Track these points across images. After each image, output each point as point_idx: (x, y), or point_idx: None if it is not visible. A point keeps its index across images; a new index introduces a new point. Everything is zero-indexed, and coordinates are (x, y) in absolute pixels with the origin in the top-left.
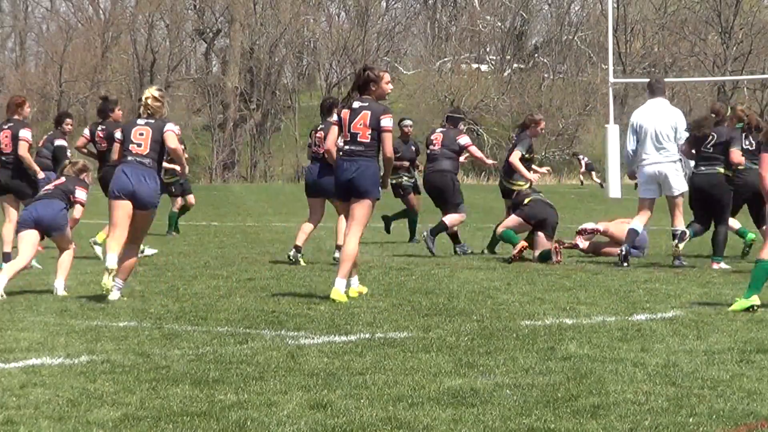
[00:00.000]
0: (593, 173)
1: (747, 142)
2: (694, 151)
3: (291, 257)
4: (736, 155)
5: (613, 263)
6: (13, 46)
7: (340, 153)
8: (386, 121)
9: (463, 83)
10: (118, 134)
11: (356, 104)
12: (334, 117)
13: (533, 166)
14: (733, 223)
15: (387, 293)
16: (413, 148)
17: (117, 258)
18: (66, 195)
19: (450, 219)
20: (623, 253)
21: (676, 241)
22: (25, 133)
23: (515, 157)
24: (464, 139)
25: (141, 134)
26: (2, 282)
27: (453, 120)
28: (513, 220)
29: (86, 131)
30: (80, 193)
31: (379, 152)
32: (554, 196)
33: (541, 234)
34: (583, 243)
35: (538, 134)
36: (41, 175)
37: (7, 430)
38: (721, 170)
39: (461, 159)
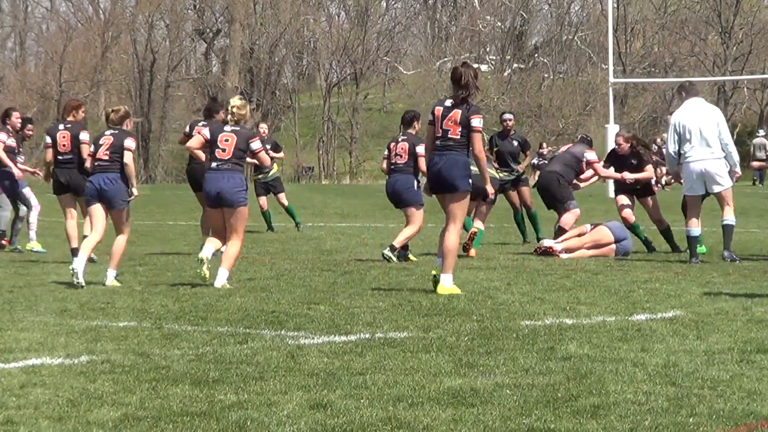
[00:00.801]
0: None
1: None
2: None
3: (386, 256)
4: None
5: (620, 260)
6: (13, 46)
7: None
8: (475, 121)
9: None
10: (206, 133)
11: (449, 102)
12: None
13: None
14: None
15: (387, 293)
16: (515, 143)
17: (213, 249)
18: (120, 156)
19: (564, 221)
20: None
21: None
22: (84, 136)
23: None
24: (591, 155)
25: (226, 140)
26: (81, 264)
27: (587, 141)
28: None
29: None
30: (129, 142)
31: (470, 150)
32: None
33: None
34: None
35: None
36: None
37: (7, 430)
38: None
39: (583, 179)
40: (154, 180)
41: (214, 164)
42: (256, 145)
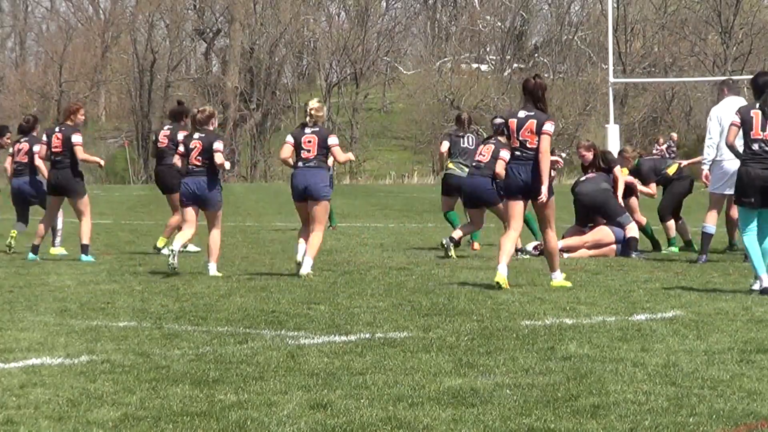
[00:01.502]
0: None
1: None
2: None
3: (444, 245)
4: None
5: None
6: (13, 46)
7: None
8: (547, 126)
9: (463, 83)
10: (290, 139)
11: (522, 113)
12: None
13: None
14: None
15: (387, 293)
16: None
17: (306, 247)
18: (210, 158)
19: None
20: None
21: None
22: (77, 138)
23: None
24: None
25: (309, 141)
26: (176, 249)
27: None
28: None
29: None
30: (218, 144)
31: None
32: (555, 195)
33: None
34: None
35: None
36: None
37: (7, 430)
38: None
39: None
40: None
41: (300, 163)
42: (332, 140)
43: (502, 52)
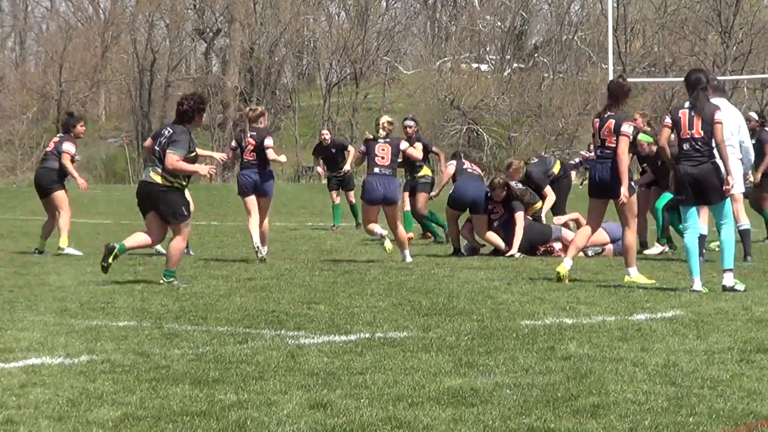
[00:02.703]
0: None
1: None
2: None
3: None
4: None
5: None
6: (13, 46)
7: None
8: (625, 127)
9: (463, 83)
10: (362, 148)
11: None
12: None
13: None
14: None
15: (387, 293)
16: (756, 141)
17: (405, 249)
18: (264, 153)
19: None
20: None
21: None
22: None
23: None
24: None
25: (383, 149)
26: (259, 241)
27: None
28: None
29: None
30: (268, 141)
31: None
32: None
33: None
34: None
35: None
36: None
37: (7, 430)
38: None
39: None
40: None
41: (376, 170)
42: (403, 145)
43: (502, 52)
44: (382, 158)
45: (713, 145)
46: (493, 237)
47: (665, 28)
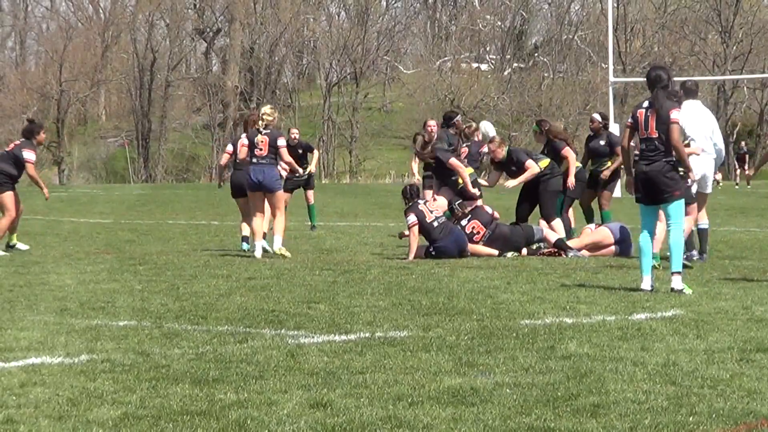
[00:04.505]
0: None
1: None
2: None
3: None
4: None
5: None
6: (13, 46)
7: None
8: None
9: (463, 82)
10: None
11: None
12: None
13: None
14: None
15: (387, 292)
16: (602, 143)
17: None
18: (277, 153)
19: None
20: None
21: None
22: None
23: None
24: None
25: (262, 141)
26: (277, 242)
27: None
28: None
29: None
30: (281, 141)
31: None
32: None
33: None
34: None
35: None
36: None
37: (7, 430)
38: None
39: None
40: (154, 179)
41: (254, 159)
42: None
43: (502, 52)
44: (260, 149)
45: (670, 144)
46: (480, 248)
47: (665, 27)
